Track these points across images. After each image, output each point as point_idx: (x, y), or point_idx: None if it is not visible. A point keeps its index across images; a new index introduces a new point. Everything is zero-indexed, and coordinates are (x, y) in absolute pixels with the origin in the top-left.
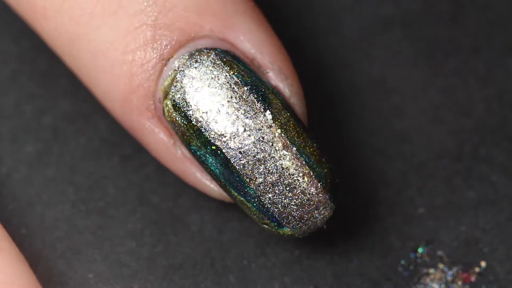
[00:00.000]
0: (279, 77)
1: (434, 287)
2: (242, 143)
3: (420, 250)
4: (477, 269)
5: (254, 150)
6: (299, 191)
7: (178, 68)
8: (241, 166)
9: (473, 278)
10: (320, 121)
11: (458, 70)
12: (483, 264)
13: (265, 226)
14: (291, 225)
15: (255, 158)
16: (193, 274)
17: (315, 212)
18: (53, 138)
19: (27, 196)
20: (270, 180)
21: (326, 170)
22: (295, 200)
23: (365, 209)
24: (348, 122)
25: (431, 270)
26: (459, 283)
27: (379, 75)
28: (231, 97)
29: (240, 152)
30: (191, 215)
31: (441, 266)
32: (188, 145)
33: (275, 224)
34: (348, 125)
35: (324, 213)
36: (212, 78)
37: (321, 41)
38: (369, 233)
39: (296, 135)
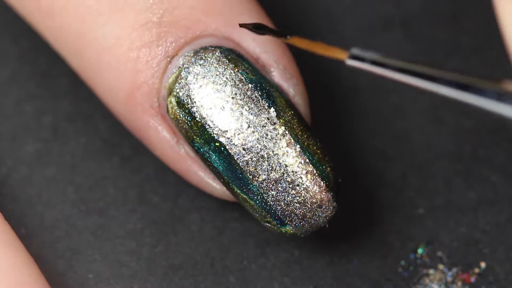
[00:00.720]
0: (283, 77)
1: None
2: (246, 140)
3: (420, 250)
4: (477, 270)
5: (257, 146)
6: (302, 188)
7: (183, 65)
8: (244, 163)
9: (473, 279)
10: (320, 121)
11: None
12: (483, 264)
13: (267, 224)
14: (294, 223)
15: (259, 155)
16: (193, 274)
17: (318, 210)
18: (53, 138)
19: (27, 196)
20: (273, 177)
21: (329, 169)
22: (298, 198)
23: (365, 209)
24: (348, 122)
25: (431, 271)
26: (459, 283)
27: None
28: (236, 94)
29: (244, 149)
30: (191, 215)
31: (441, 266)
32: (191, 142)
33: (278, 222)
34: (348, 125)
35: (326, 211)
36: (216, 75)
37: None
38: (369, 233)
39: (299, 133)
